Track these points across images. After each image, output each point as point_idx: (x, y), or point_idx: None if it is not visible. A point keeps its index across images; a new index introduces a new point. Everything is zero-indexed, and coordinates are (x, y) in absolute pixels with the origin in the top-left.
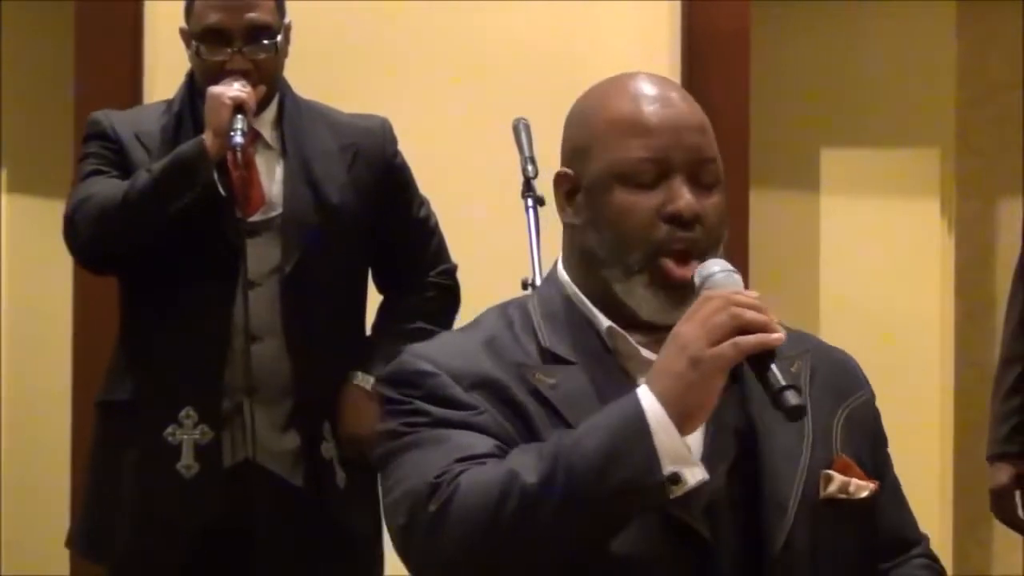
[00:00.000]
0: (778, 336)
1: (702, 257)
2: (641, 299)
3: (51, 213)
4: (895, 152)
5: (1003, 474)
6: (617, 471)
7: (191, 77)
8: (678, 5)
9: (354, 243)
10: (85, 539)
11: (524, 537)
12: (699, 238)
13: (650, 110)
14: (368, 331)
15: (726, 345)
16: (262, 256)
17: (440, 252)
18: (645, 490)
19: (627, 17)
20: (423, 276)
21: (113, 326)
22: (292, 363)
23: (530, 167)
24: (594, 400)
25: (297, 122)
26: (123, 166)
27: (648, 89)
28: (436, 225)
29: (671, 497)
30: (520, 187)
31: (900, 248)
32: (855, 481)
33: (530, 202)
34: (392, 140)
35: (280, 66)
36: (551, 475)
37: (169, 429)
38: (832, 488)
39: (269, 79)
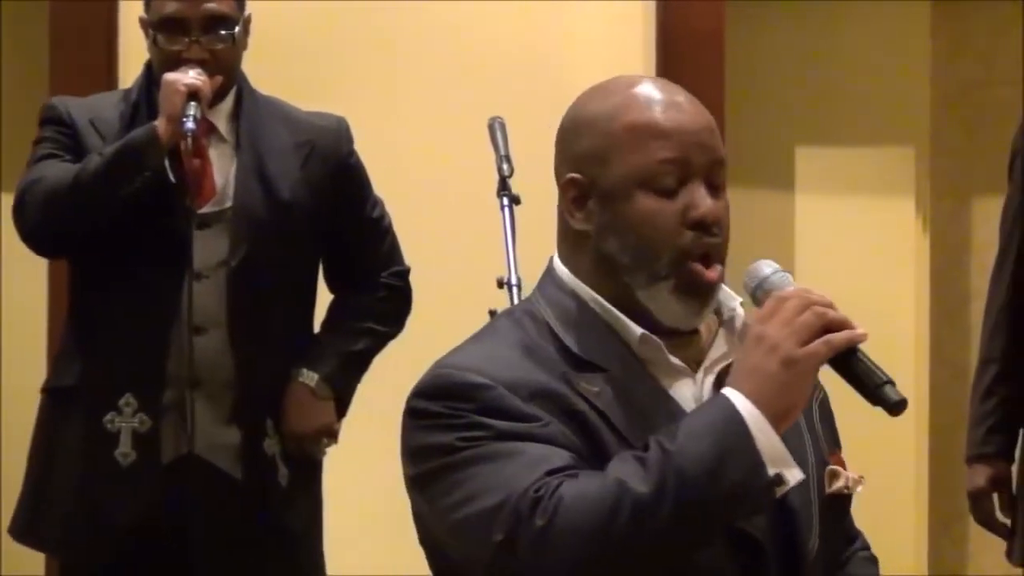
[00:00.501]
0: (863, 332)
1: (722, 260)
2: (666, 304)
3: None
4: (870, 151)
5: (980, 476)
6: (726, 474)
7: (149, 67)
8: (652, 5)
9: (304, 240)
10: (22, 525)
11: (639, 547)
12: (719, 242)
13: (666, 115)
14: (317, 329)
15: (818, 344)
16: (211, 248)
17: (393, 253)
18: (754, 492)
19: (601, 17)
20: (375, 276)
21: None
22: (236, 357)
23: (505, 166)
24: (631, 407)
25: (253, 116)
26: (77, 151)
27: (658, 94)
28: (390, 226)
29: (778, 496)
30: (496, 186)
31: (875, 247)
32: (851, 475)
33: (505, 201)
34: (348, 139)
35: (238, 58)
36: (662, 483)
37: (108, 416)
38: (839, 484)
39: (226, 70)
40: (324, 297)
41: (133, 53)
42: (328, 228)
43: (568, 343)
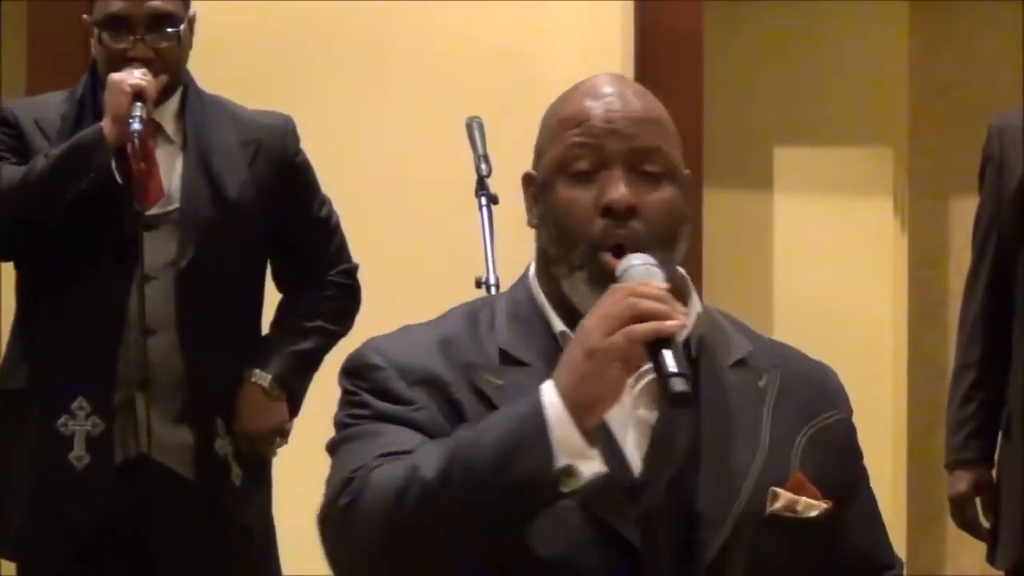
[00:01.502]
0: (674, 323)
1: (644, 252)
2: (583, 295)
3: None
4: (848, 151)
5: (962, 482)
6: (512, 465)
7: (95, 66)
8: (631, 5)
9: (252, 240)
10: None
11: (424, 532)
12: (638, 232)
13: (593, 104)
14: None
15: (619, 334)
16: (159, 249)
17: (341, 251)
18: (538, 483)
19: (580, 17)
20: (323, 275)
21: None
22: (186, 357)
23: (483, 165)
24: None
25: (199, 116)
26: (23, 152)
27: (601, 87)
28: (337, 224)
29: (566, 491)
30: (474, 185)
31: (853, 246)
32: (804, 499)
33: (483, 200)
34: (295, 139)
35: (183, 57)
36: (448, 469)
37: (62, 420)
38: (777, 505)
39: (171, 69)
40: (273, 296)
41: None
42: (275, 228)
43: (499, 337)
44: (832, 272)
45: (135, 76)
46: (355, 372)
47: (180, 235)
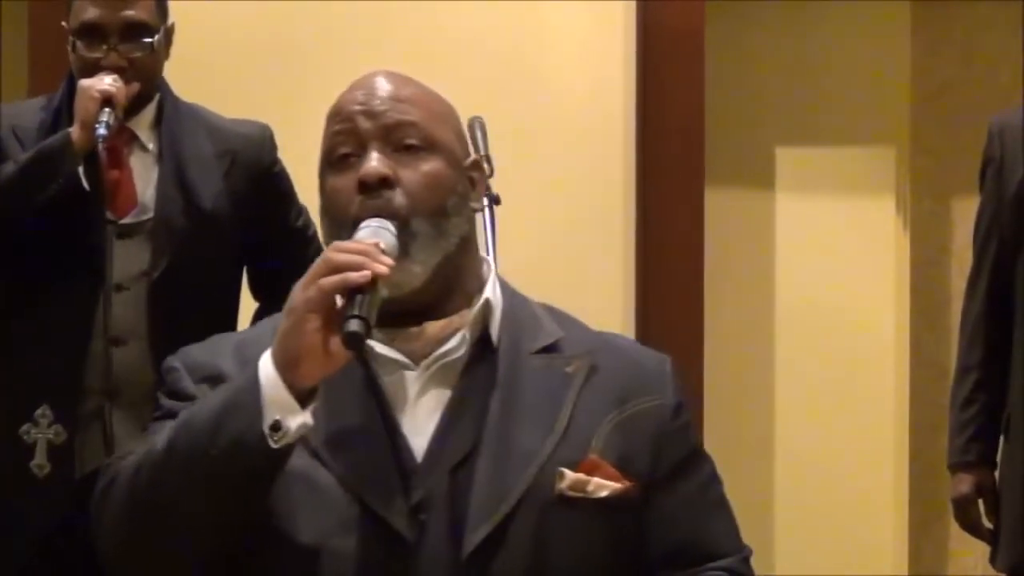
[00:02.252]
0: (363, 274)
1: (408, 222)
2: None
3: None
4: (850, 150)
5: (964, 484)
6: (225, 425)
7: (72, 74)
8: (632, 4)
9: (227, 251)
10: None
11: (158, 501)
12: (396, 203)
13: (349, 95)
14: None
15: (312, 287)
16: (131, 259)
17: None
18: (248, 440)
19: (581, 16)
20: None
21: None
22: (156, 368)
23: (486, 166)
24: (326, 395)
25: (175, 125)
26: None
27: (361, 81)
28: (314, 234)
29: (276, 446)
30: None
31: (855, 247)
32: (596, 480)
33: (485, 201)
34: (271, 148)
35: (158, 66)
36: (174, 439)
37: (24, 427)
38: (563, 485)
39: (145, 78)
40: (248, 304)
41: None
42: (251, 239)
43: None
44: (834, 272)
45: (104, 82)
46: (160, 377)
47: (153, 245)
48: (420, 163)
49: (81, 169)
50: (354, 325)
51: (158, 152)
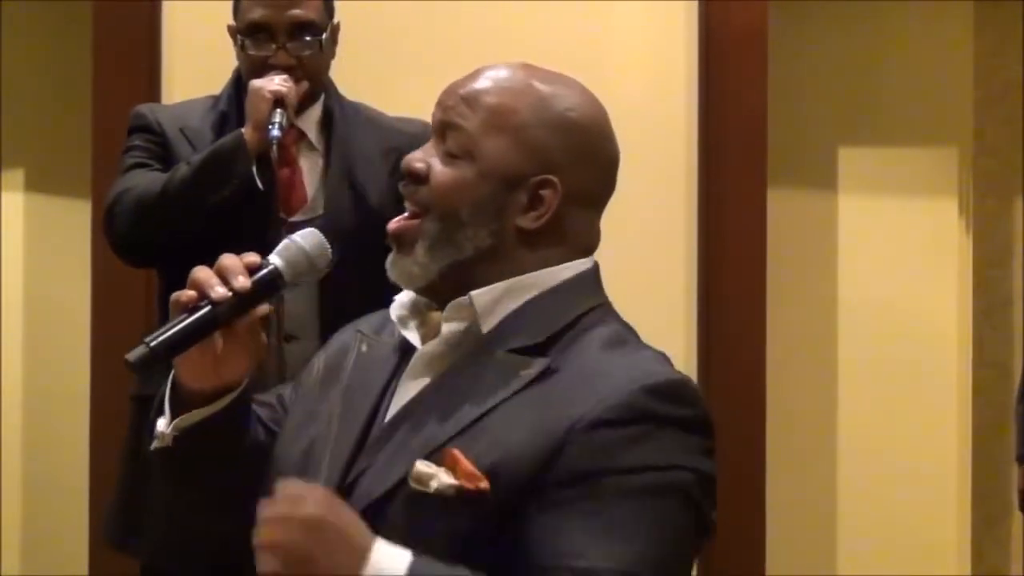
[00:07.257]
0: (190, 294)
1: (417, 215)
2: None
3: (69, 212)
4: (913, 151)
5: None
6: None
7: (238, 74)
8: (695, 4)
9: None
10: (118, 532)
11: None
12: (418, 196)
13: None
14: None
15: (179, 293)
16: None
17: None
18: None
19: (644, 16)
20: None
21: (129, 324)
22: None
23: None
24: (362, 359)
25: (342, 124)
26: (166, 160)
27: (477, 69)
28: None
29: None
30: None
31: (917, 247)
32: (441, 476)
33: None
34: None
35: (325, 65)
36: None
37: None
38: (410, 477)
39: (313, 76)
40: None
41: (176, 53)
42: None
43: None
44: (896, 273)
45: (275, 82)
46: None
47: None
48: (454, 166)
49: (255, 169)
50: (135, 352)
51: (325, 150)
